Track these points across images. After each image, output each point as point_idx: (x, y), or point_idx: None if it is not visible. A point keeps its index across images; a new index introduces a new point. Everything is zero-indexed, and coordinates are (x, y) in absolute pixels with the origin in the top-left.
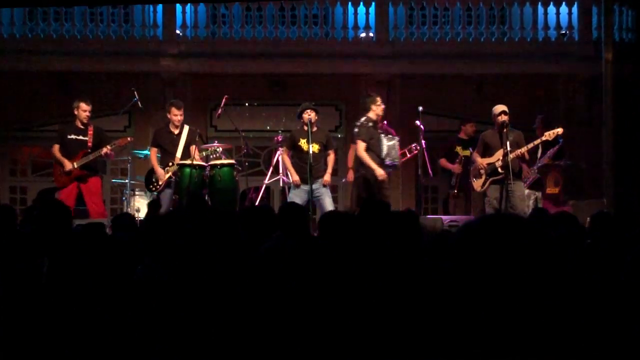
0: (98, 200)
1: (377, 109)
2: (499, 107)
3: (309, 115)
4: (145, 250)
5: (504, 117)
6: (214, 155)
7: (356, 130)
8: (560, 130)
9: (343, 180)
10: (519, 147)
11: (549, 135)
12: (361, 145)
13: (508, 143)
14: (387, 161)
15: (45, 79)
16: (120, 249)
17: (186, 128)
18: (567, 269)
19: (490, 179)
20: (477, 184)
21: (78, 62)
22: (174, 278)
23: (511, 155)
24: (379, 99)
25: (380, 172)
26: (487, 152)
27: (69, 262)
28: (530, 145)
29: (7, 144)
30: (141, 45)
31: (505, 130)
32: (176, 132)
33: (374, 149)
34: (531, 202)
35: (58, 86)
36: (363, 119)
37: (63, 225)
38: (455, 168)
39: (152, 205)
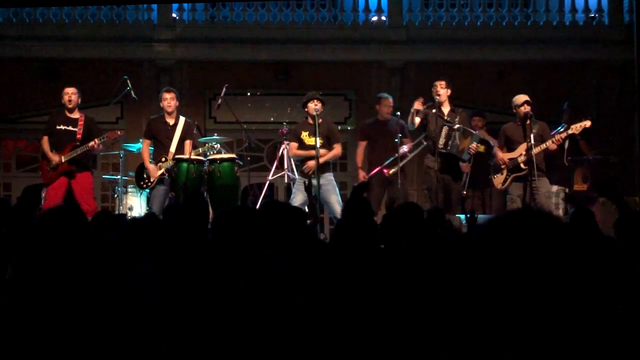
0: (89, 198)
1: (434, 94)
2: (521, 97)
3: (316, 105)
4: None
5: (527, 108)
6: (211, 153)
7: None
8: (588, 123)
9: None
10: (543, 140)
11: (575, 128)
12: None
13: (532, 136)
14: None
15: (31, 66)
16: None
17: (182, 120)
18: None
19: (512, 176)
20: (497, 180)
21: (66, 48)
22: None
23: (535, 150)
24: (437, 82)
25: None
26: (508, 146)
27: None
28: (558, 137)
29: None
30: (134, 30)
31: (528, 122)
32: (171, 123)
33: (431, 137)
34: (560, 199)
35: (45, 74)
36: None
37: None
38: (464, 167)
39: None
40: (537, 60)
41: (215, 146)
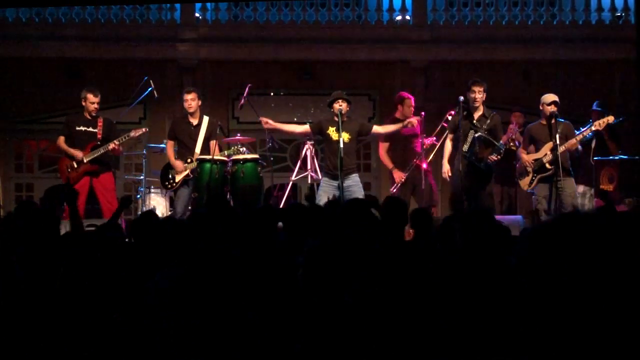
0: (112, 198)
1: (471, 100)
2: (549, 97)
3: (340, 105)
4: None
5: (554, 108)
6: (237, 154)
7: None
8: (611, 119)
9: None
10: (568, 139)
11: (599, 124)
12: (448, 137)
13: (557, 136)
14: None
15: (54, 66)
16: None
17: (206, 119)
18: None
19: (538, 176)
20: (523, 182)
21: (89, 48)
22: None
23: (560, 149)
24: (475, 87)
25: (444, 169)
26: (533, 145)
27: (84, 269)
28: (580, 136)
29: (12, 138)
30: (157, 30)
31: (553, 121)
32: (195, 122)
33: (460, 141)
34: (586, 199)
35: (67, 74)
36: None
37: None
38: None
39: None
40: (563, 60)
41: (242, 149)
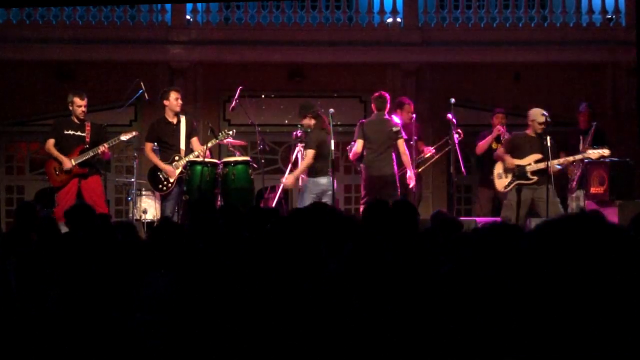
0: (100, 201)
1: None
2: (539, 113)
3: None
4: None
5: (544, 121)
6: (227, 138)
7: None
8: (606, 152)
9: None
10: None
11: (593, 154)
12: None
13: (549, 148)
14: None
15: (44, 68)
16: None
17: (183, 118)
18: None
19: (516, 182)
20: (500, 182)
21: (79, 50)
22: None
23: (548, 164)
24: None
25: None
26: (514, 155)
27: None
28: (571, 159)
29: (2, 140)
30: (148, 32)
31: (545, 138)
32: (175, 122)
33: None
34: (581, 202)
35: (58, 77)
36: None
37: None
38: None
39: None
40: (554, 62)
41: (230, 133)
